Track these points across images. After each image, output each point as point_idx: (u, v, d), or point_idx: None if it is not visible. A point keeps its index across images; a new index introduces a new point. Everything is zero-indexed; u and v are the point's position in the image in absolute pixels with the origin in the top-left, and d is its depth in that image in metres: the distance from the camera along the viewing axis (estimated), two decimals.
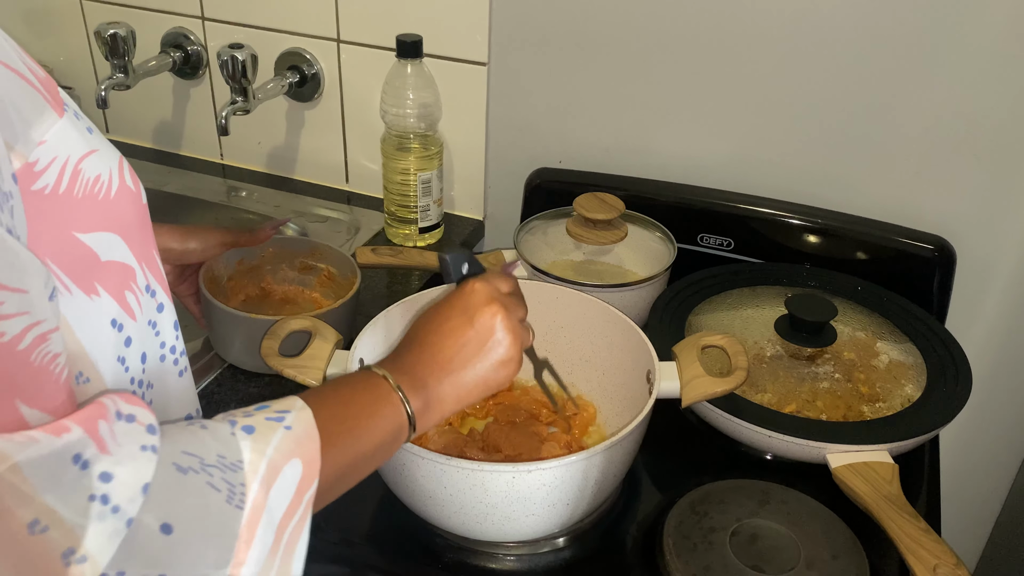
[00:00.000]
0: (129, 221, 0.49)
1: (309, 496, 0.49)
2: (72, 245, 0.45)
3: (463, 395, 0.63)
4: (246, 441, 0.46)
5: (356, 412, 0.56)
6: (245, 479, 0.45)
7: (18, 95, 0.42)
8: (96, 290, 0.47)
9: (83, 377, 0.47)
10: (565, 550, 0.78)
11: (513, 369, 0.65)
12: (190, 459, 0.43)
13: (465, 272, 0.68)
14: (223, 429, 0.46)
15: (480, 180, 1.22)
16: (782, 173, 1.08)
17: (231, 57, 1.10)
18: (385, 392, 0.59)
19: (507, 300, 0.66)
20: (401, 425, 0.59)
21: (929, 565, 0.71)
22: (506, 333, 0.64)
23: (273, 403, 0.51)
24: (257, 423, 0.48)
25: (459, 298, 0.65)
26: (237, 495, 0.44)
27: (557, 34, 1.09)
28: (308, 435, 0.50)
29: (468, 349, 0.63)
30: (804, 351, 0.92)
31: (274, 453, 0.47)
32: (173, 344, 0.56)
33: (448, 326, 0.63)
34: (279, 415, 0.49)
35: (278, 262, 1.00)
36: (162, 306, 0.54)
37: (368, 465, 0.57)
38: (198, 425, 0.46)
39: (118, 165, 0.49)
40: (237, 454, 0.45)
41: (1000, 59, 0.94)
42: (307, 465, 0.49)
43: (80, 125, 0.47)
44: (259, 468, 0.45)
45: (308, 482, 0.48)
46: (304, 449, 0.49)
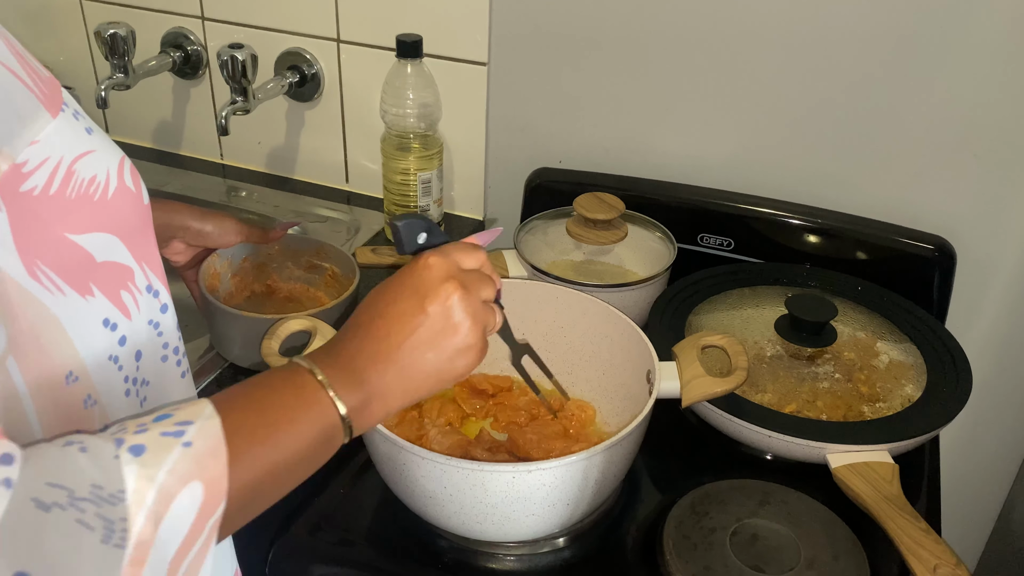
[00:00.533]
0: (128, 222, 0.49)
1: (213, 522, 0.42)
2: (65, 246, 0.45)
3: (411, 388, 0.55)
4: (131, 465, 0.40)
5: (275, 418, 0.48)
6: (127, 512, 0.38)
7: (9, 94, 0.42)
8: (91, 290, 0.47)
9: (72, 376, 0.47)
10: (565, 550, 0.78)
11: (473, 358, 0.57)
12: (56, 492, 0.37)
13: (422, 243, 0.59)
14: (106, 451, 0.40)
15: (480, 180, 1.22)
16: (782, 173, 1.08)
17: (231, 57, 1.10)
18: (312, 391, 0.51)
19: (468, 277, 0.58)
20: (332, 427, 0.51)
21: (929, 565, 0.71)
22: (464, 317, 0.56)
23: (176, 411, 0.44)
24: (149, 441, 0.41)
25: (410, 275, 0.56)
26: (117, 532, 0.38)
27: (557, 34, 1.09)
28: (212, 451, 0.43)
29: (418, 336, 0.55)
30: (804, 351, 0.92)
31: (166, 477, 0.40)
32: (176, 345, 0.55)
33: (396, 309, 0.55)
34: (179, 429, 0.43)
35: (284, 260, 1.00)
36: (165, 307, 0.54)
37: (292, 477, 0.50)
38: (76, 447, 0.39)
39: (118, 166, 0.49)
40: (118, 483, 0.39)
41: (1000, 59, 0.94)
42: (209, 487, 0.42)
43: (78, 125, 0.47)
44: (146, 498, 0.39)
45: (211, 507, 0.42)
46: (206, 469, 0.42)
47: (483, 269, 0.60)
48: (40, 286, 0.43)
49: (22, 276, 0.42)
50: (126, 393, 0.51)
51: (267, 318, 0.87)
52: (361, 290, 0.96)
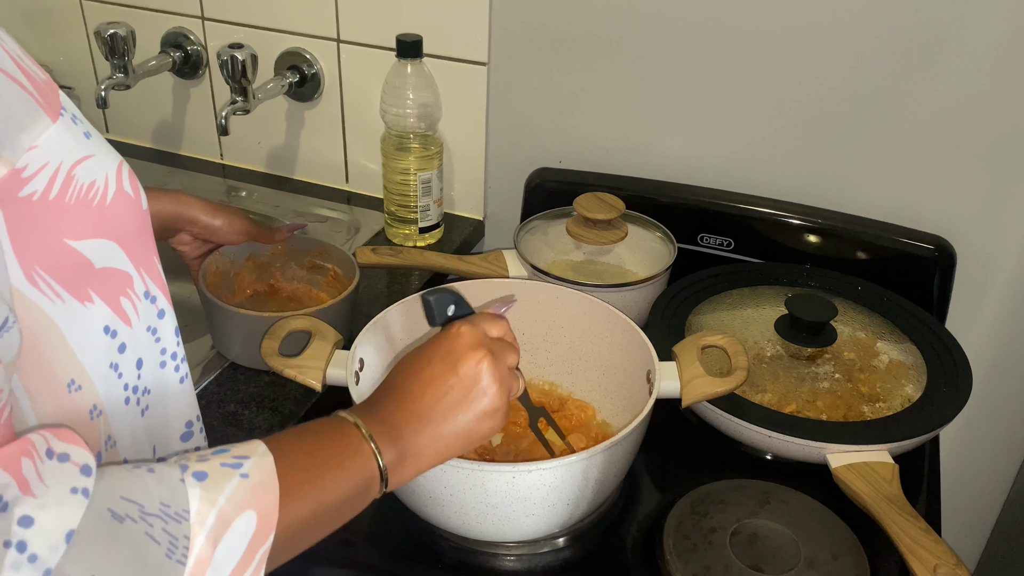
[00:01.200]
0: (126, 227, 0.49)
1: (263, 552, 0.45)
2: (64, 252, 0.44)
3: (442, 448, 0.58)
4: (195, 489, 0.43)
5: (322, 462, 0.52)
6: (190, 531, 0.41)
7: (8, 99, 0.41)
8: (90, 297, 0.47)
9: (75, 385, 0.46)
10: (565, 550, 0.78)
11: (499, 421, 0.60)
12: (128, 506, 0.39)
13: (451, 314, 0.63)
14: (172, 474, 0.43)
15: (480, 180, 1.22)
16: (782, 173, 1.08)
17: (231, 57, 1.10)
18: (356, 442, 0.54)
19: (495, 345, 0.61)
20: (371, 478, 0.55)
21: (929, 565, 0.71)
22: (492, 382, 0.59)
23: (233, 447, 0.48)
24: (211, 469, 0.44)
25: (443, 342, 0.60)
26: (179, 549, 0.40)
27: (557, 34, 1.09)
28: (266, 485, 0.46)
29: (450, 398, 0.58)
30: (804, 351, 0.92)
31: (226, 503, 0.43)
32: (174, 351, 0.55)
33: (429, 372, 0.59)
34: (237, 461, 0.46)
35: (287, 260, 1.00)
36: (163, 312, 0.53)
37: (332, 520, 0.53)
38: (145, 468, 0.43)
39: (116, 171, 0.48)
40: (183, 503, 0.42)
41: (1000, 59, 0.94)
42: (262, 518, 0.45)
43: (77, 130, 0.46)
44: (207, 519, 0.42)
45: (262, 537, 0.45)
46: (260, 500, 0.45)
47: (506, 338, 0.64)
48: (39, 292, 0.43)
49: (21, 282, 0.42)
50: (125, 401, 0.51)
51: (267, 316, 0.87)
52: (362, 290, 0.96)
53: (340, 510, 0.53)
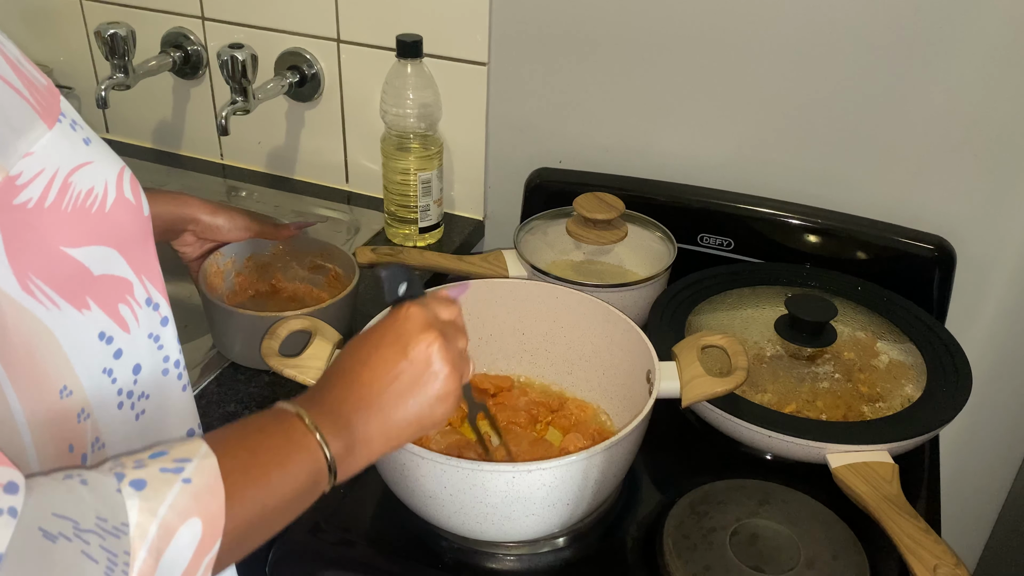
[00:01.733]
0: (127, 234, 0.48)
1: (209, 559, 0.43)
2: (60, 260, 0.44)
3: (393, 435, 0.56)
4: (134, 499, 0.40)
5: (267, 459, 0.49)
6: (130, 545, 0.39)
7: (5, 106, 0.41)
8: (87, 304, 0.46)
9: (66, 391, 0.46)
10: (565, 550, 0.78)
11: (451, 404, 0.58)
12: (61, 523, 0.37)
13: (401, 294, 0.60)
14: (107, 484, 0.40)
15: (480, 180, 1.22)
16: (782, 173, 1.08)
17: (231, 57, 1.10)
18: (300, 434, 0.51)
19: (446, 328, 0.59)
20: (319, 471, 0.52)
21: (929, 565, 0.71)
22: (443, 365, 0.57)
23: (172, 448, 0.45)
24: (149, 476, 0.42)
25: (392, 324, 0.58)
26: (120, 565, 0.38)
27: (557, 34, 1.09)
28: (210, 489, 0.43)
29: (400, 383, 0.56)
30: (804, 351, 0.92)
31: (168, 512, 0.41)
32: (177, 359, 0.55)
33: (378, 356, 0.56)
34: (177, 465, 0.43)
35: (288, 260, 1.00)
36: (166, 319, 0.53)
37: (280, 519, 0.50)
38: (77, 480, 0.40)
39: (117, 177, 0.48)
40: (121, 515, 0.39)
41: (1000, 59, 0.94)
42: (207, 524, 0.43)
43: (76, 136, 0.46)
44: (148, 531, 0.40)
45: (208, 543, 0.43)
46: (204, 506, 0.43)
47: (457, 321, 0.62)
48: (34, 300, 0.43)
49: (15, 290, 0.42)
50: (119, 406, 0.51)
51: (267, 316, 0.87)
52: (361, 290, 0.96)
53: (288, 508, 0.51)
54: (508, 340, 0.93)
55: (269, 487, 0.48)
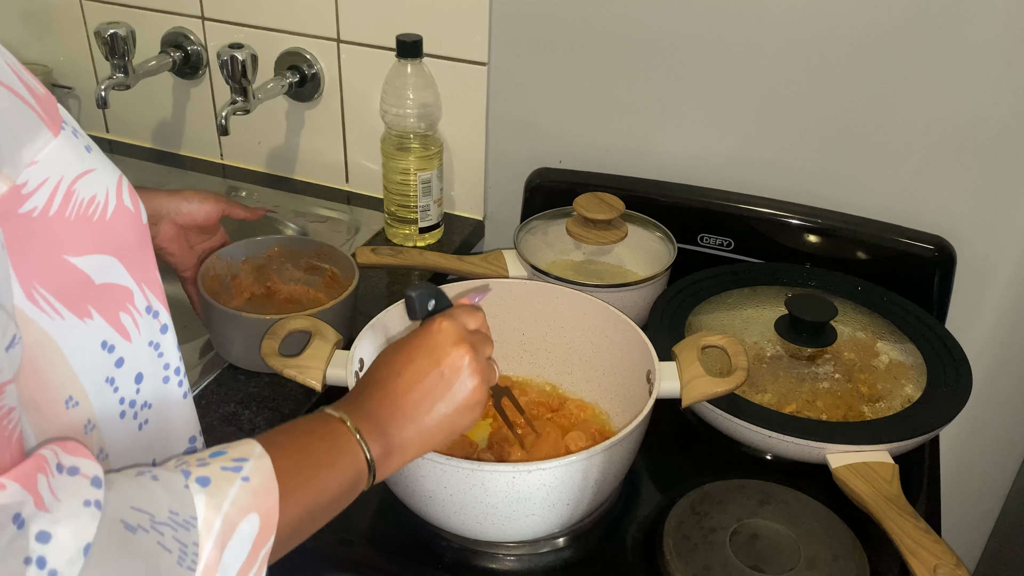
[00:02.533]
0: (127, 242, 0.48)
1: (265, 552, 0.46)
2: (63, 269, 0.44)
3: (427, 440, 0.60)
4: (200, 495, 0.43)
5: (315, 461, 0.53)
6: (199, 538, 0.42)
7: (9, 113, 0.41)
8: (89, 313, 0.46)
9: (72, 401, 0.46)
10: (565, 550, 0.78)
11: (479, 412, 0.62)
12: (139, 516, 0.40)
13: (431, 308, 0.64)
14: (176, 481, 0.44)
15: (480, 180, 1.22)
16: (782, 173, 1.08)
17: (231, 57, 1.10)
18: (345, 439, 0.55)
19: (475, 338, 0.63)
20: (360, 473, 0.55)
21: (929, 565, 0.71)
22: (473, 375, 0.61)
23: (230, 449, 0.48)
24: (213, 474, 0.45)
25: (425, 337, 0.61)
26: (189, 556, 0.41)
27: (557, 34, 1.09)
28: (266, 487, 0.47)
29: (434, 393, 0.60)
30: (804, 351, 0.92)
31: (230, 508, 0.44)
32: (177, 366, 0.55)
33: (413, 368, 0.60)
34: (236, 464, 0.47)
35: (284, 262, 1.00)
36: (166, 327, 0.53)
37: (325, 516, 0.54)
38: (149, 476, 0.43)
39: (116, 185, 0.48)
40: (191, 510, 0.42)
41: (1000, 59, 0.94)
42: (264, 519, 0.46)
43: (78, 144, 0.46)
44: (214, 526, 0.43)
45: (264, 538, 0.46)
46: (261, 503, 0.46)
47: (482, 329, 0.66)
48: (38, 309, 0.43)
49: (20, 299, 0.42)
50: (121, 415, 0.51)
51: (266, 319, 0.87)
52: (362, 290, 0.96)
53: (332, 505, 0.54)
54: (508, 340, 0.93)
55: (318, 486, 0.52)
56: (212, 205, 0.89)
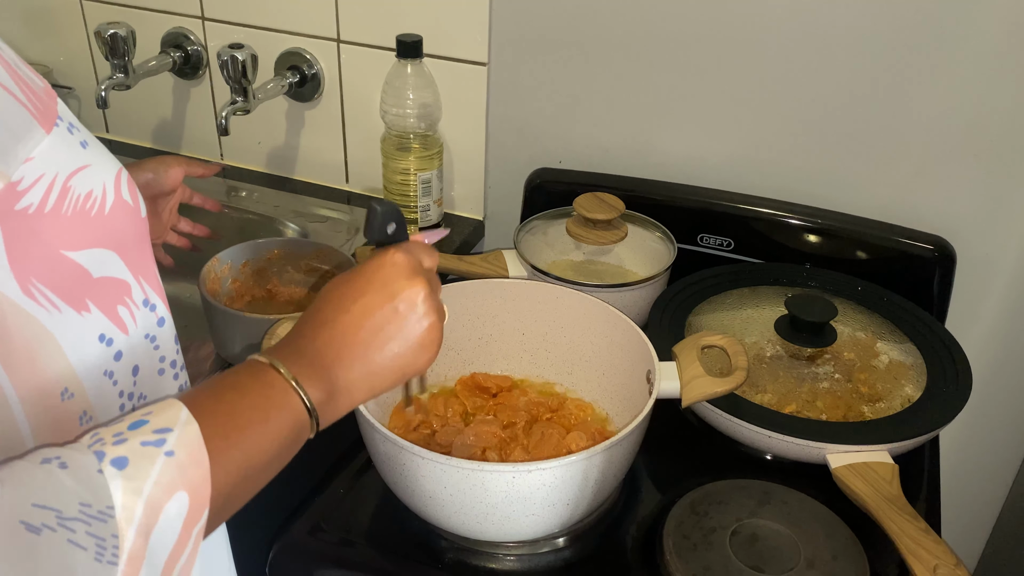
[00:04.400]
0: (125, 236, 0.48)
1: (198, 529, 0.42)
2: (60, 264, 0.44)
3: (376, 383, 0.55)
4: (117, 480, 0.39)
5: (247, 419, 0.47)
6: (118, 528, 0.38)
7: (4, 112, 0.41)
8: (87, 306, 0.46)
9: (68, 393, 0.46)
10: (565, 550, 0.78)
11: (434, 352, 0.57)
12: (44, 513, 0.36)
13: (389, 233, 0.59)
14: (88, 465, 0.39)
15: (480, 180, 1.22)
16: (782, 173, 1.08)
17: (231, 57, 1.10)
18: (280, 388, 0.50)
19: (430, 275, 0.58)
20: (301, 424, 0.50)
21: (929, 565, 0.71)
22: (429, 312, 0.56)
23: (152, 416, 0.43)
24: (131, 452, 0.40)
25: (378, 269, 0.56)
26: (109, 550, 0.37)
27: (557, 34, 1.09)
28: (194, 459, 0.42)
29: (386, 330, 0.54)
30: (804, 351, 0.92)
31: (153, 489, 0.40)
32: (173, 359, 0.55)
33: (363, 302, 0.54)
34: (159, 437, 0.42)
35: (284, 264, 1.00)
36: (163, 320, 0.53)
37: (264, 475, 0.49)
38: (56, 463, 0.38)
39: (115, 179, 0.48)
40: (106, 499, 0.38)
41: (1000, 59, 0.94)
42: (194, 495, 0.42)
43: (73, 139, 0.46)
44: (135, 512, 0.38)
45: (196, 515, 0.42)
46: (189, 478, 0.42)
47: (434, 269, 0.61)
48: (35, 303, 0.43)
49: (16, 294, 0.42)
50: (120, 408, 0.51)
51: (266, 319, 0.87)
52: None
53: (272, 463, 0.49)
54: (508, 340, 0.93)
55: (252, 446, 0.47)
56: (176, 170, 0.90)
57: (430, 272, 0.59)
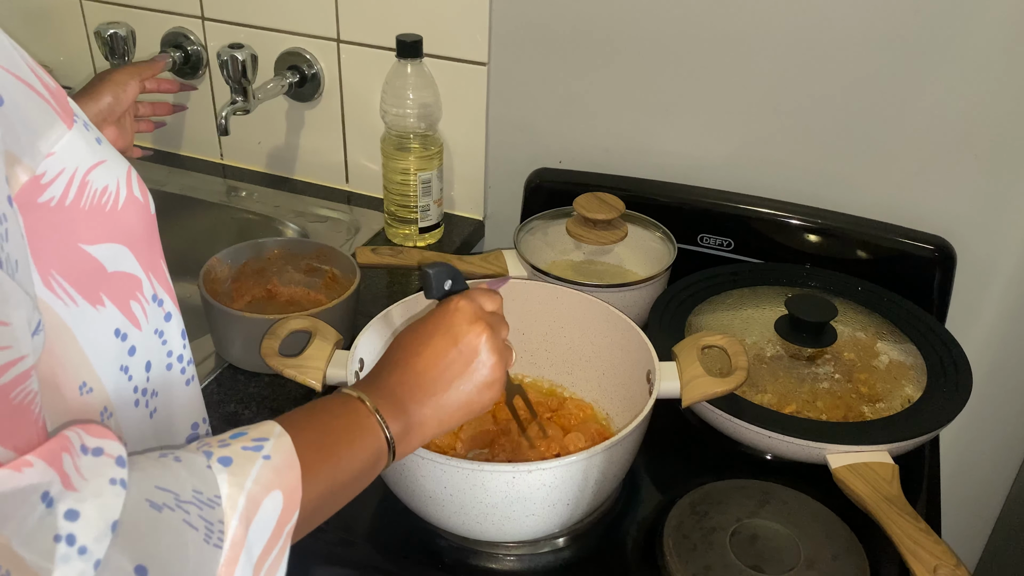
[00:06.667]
0: (136, 232, 0.49)
1: (289, 528, 0.46)
2: (78, 257, 0.45)
3: (445, 419, 0.61)
4: (223, 474, 0.44)
5: (335, 439, 0.53)
6: (223, 515, 0.42)
7: (27, 106, 0.42)
8: (102, 301, 0.47)
9: (86, 387, 0.47)
10: (565, 550, 0.78)
11: (497, 391, 0.63)
12: (164, 495, 0.40)
13: (448, 288, 0.65)
14: (198, 461, 0.44)
15: (480, 180, 1.22)
16: (782, 173, 1.08)
17: (231, 57, 1.10)
18: (364, 417, 0.56)
19: (492, 319, 0.64)
20: (380, 451, 0.56)
21: (929, 566, 0.71)
22: (491, 354, 0.62)
23: (250, 430, 0.49)
24: (234, 454, 0.45)
25: (443, 317, 0.62)
26: (215, 533, 0.41)
27: (557, 34, 1.09)
28: (288, 464, 0.47)
29: (452, 371, 0.61)
30: (804, 351, 0.92)
31: (253, 486, 0.44)
32: (180, 353, 0.55)
33: (431, 346, 0.61)
34: (257, 444, 0.47)
35: (284, 264, 1.00)
36: (169, 315, 0.54)
37: (346, 494, 0.54)
38: (171, 457, 0.43)
39: (126, 175, 0.49)
40: (214, 488, 0.43)
41: (1000, 59, 0.94)
42: (287, 496, 0.46)
43: (89, 136, 0.47)
44: (238, 503, 0.43)
45: (288, 514, 0.46)
46: (284, 480, 0.47)
47: (499, 312, 0.67)
48: (54, 296, 0.44)
49: (38, 287, 0.43)
50: (135, 403, 0.52)
51: (267, 319, 0.87)
52: (362, 290, 0.96)
53: (353, 483, 0.54)
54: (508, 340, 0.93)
55: (338, 463, 0.52)
56: (132, 85, 0.94)
57: (493, 316, 0.65)
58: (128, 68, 0.97)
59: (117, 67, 0.97)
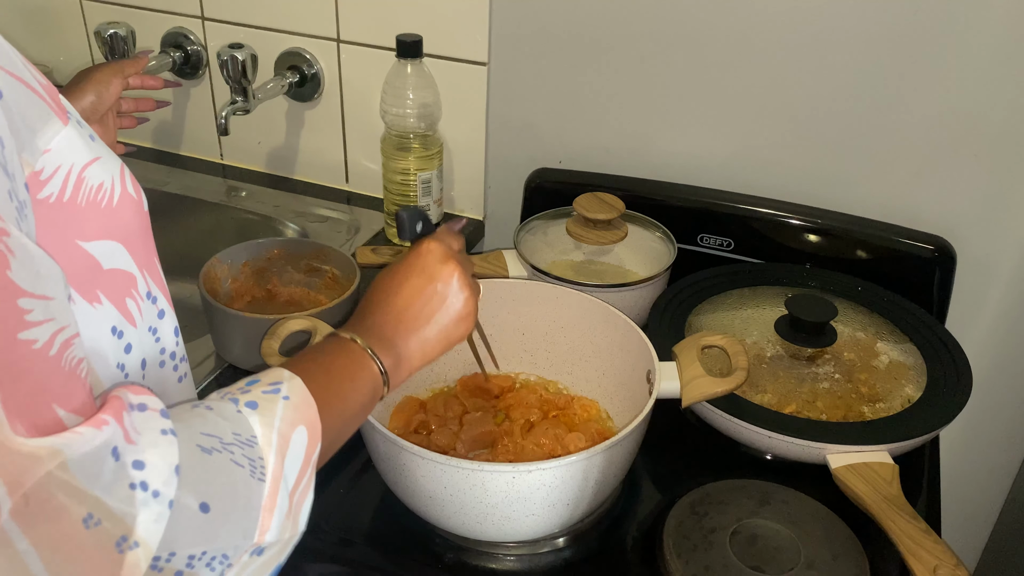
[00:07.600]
0: (131, 229, 0.50)
1: (315, 458, 0.51)
2: (75, 253, 0.45)
3: (428, 351, 0.65)
4: (254, 416, 0.48)
5: (338, 377, 0.58)
6: (262, 452, 0.47)
7: (24, 103, 0.42)
8: (98, 298, 0.47)
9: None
10: (565, 550, 0.78)
11: (471, 323, 0.67)
12: (210, 439, 0.44)
13: (419, 230, 0.69)
14: (228, 408, 0.48)
15: (480, 180, 1.22)
16: (782, 173, 1.08)
17: (231, 57, 1.10)
18: (358, 355, 0.61)
19: (460, 257, 0.68)
20: (377, 384, 0.61)
21: (929, 566, 0.71)
22: (463, 288, 0.66)
23: (261, 376, 0.53)
24: (257, 398, 0.50)
25: (416, 258, 0.67)
26: (259, 469, 0.46)
27: (557, 34, 1.09)
28: (305, 402, 0.52)
29: (430, 307, 0.65)
30: (804, 351, 0.92)
31: (281, 424, 0.49)
32: (173, 350, 0.56)
33: (409, 285, 0.65)
34: (274, 387, 0.51)
35: (284, 264, 1.00)
36: (163, 312, 0.54)
37: (353, 425, 0.59)
38: (203, 407, 0.47)
39: (120, 173, 0.49)
40: (249, 430, 0.47)
41: (1000, 59, 0.94)
42: (311, 430, 0.51)
43: (84, 132, 0.47)
44: (272, 440, 0.48)
45: (313, 445, 0.51)
46: (305, 416, 0.51)
47: (463, 250, 0.71)
48: None
49: None
50: None
51: (267, 319, 0.87)
52: (362, 290, 0.96)
53: (360, 414, 0.60)
54: (508, 340, 0.93)
55: (345, 397, 0.57)
56: (115, 83, 0.95)
57: (460, 254, 0.69)
58: (111, 65, 0.97)
59: (99, 65, 0.97)
